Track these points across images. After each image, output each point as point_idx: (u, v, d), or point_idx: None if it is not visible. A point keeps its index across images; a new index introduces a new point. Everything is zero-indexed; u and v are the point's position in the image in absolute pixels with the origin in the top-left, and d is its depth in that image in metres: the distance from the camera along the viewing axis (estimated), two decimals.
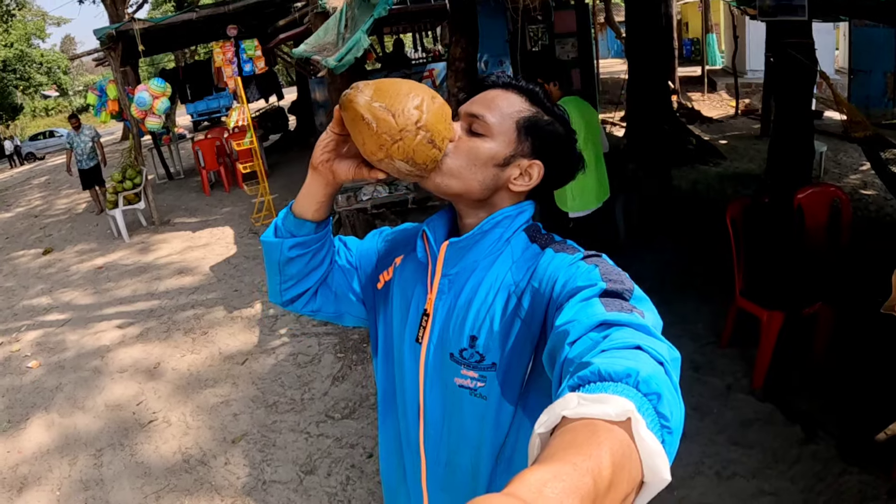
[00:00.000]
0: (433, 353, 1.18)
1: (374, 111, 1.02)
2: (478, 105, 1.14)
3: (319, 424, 4.06)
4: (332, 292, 1.35)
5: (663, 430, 0.67)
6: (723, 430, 3.43)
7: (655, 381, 0.68)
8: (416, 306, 1.23)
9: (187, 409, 4.41)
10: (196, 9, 9.49)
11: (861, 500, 2.79)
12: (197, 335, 5.51)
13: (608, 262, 1.04)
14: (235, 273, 6.98)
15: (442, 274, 1.19)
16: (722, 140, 10.46)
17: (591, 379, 0.69)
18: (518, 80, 1.18)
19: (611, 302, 0.90)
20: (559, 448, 0.57)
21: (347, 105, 1.04)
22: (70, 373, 5.15)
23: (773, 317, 3.67)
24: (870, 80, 10.24)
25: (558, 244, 1.13)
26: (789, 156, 5.49)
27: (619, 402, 0.62)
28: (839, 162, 8.38)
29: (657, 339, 0.81)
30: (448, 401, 1.18)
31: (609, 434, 0.59)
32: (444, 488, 1.24)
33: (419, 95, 1.05)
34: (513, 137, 1.13)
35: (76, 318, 6.25)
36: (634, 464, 0.59)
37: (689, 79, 15.90)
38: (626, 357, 0.73)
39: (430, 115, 1.04)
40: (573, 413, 0.62)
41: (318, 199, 1.21)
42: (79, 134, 10.45)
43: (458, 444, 1.19)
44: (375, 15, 4.88)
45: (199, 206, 10.46)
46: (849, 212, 4.30)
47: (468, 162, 1.11)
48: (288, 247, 1.24)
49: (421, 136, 1.03)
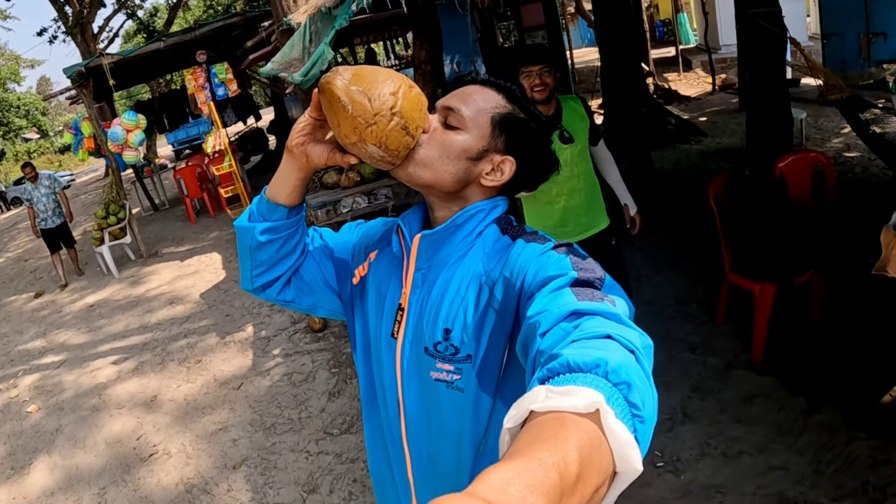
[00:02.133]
0: (409, 348, 1.18)
1: (350, 94, 1.03)
2: (454, 99, 1.15)
3: (319, 442, 4.03)
4: (306, 283, 1.35)
5: (634, 419, 0.65)
6: (725, 408, 3.40)
7: (625, 370, 0.68)
8: (391, 301, 1.23)
9: (187, 439, 4.36)
10: (163, 38, 9.46)
11: (872, 466, 2.76)
12: (191, 364, 5.47)
13: (579, 251, 1.05)
14: (226, 298, 6.94)
15: (416, 268, 1.19)
16: (701, 117, 10.46)
17: (560, 370, 0.69)
18: (496, 79, 1.19)
19: (582, 291, 0.89)
20: (525, 443, 0.56)
21: (325, 87, 1.05)
22: (69, 413, 5.10)
23: (766, 289, 3.63)
24: (843, 42, 10.23)
25: (529, 235, 1.14)
26: (767, 125, 5.49)
27: (587, 393, 0.61)
28: (820, 127, 8.38)
29: (628, 326, 0.81)
30: (426, 395, 1.18)
31: (576, 427, 0.58)
32: (429, 482, 1.24)
33: (396, 83, 1.06)
34: (487, 132, 1.13)
35: (72, 359, 6.20)
36: (604, 455, 0.59)
37: (664, 60, 15.92)
38: (596, 347, 0.73)
39: (406, 102, 1.05)
40: (541, 406, 0.61)
41: (290, 182, 1.21)
42: (36, 186, 8.77)
43: (439, 438, 1.19)
44: (337, 26, 4.86)
45: (185, 234, 10.42)
46: (832, 176, 4.28)
47: (441, 153, 1.11)
48: (259, 231, 1.25)
49: (395, 122, 1.04)
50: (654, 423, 0.69)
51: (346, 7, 4.70)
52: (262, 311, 6.27)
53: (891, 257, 2.89)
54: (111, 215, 8.98)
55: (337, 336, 5.37)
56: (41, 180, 8.78)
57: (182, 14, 22.95)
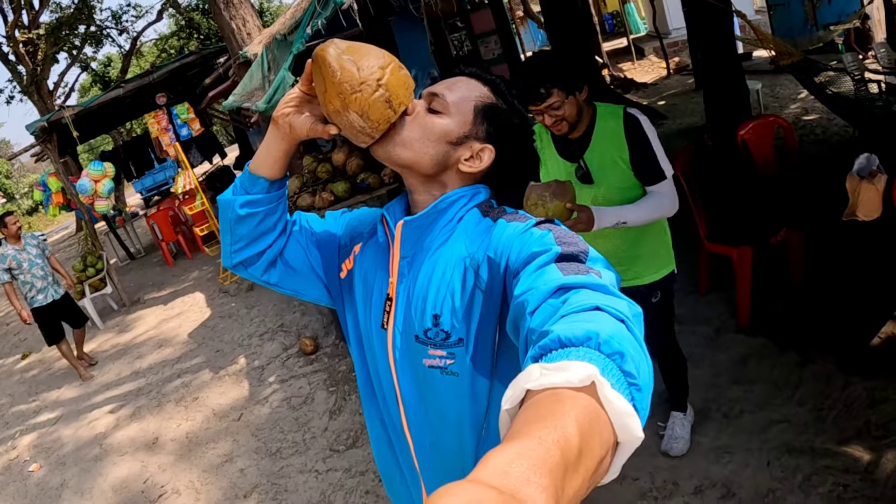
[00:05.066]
0: (400, 338, 1.19)
1: (341, 61, 1.07)
2: (440, 86, 1.19)
3: (326, 460, 4.03)
4: (291, 267, 1.35)
5: (631, 387, 0.66)
6: (720, 372, 3.46)
7: (617, 340, 0.68)
8: (378, 292, 1.23)
9: (194, 475, 4.34)
10: (122, 84, 9.44)
11: (871, 406, 2.84)
12: (188, 402, 5.44)
13: (561, 226, 1.05)
14: (214, 334, 6.91)
15: (400, 256, 1.20)
16: (660, 101, 10.62)
17: (553, 347, 0.69)
18: (484, 73, 1.23)
19: (567, 266, 0.90)
20: (524, 423, 0.56)
21: (319, 54, 1.09)
22: (72, 467, 5.04)
23: (743, 252, 3.71)
24: (789, 11, 10.47)
25: (510, 215, 1.14)
26: (725, 98, 5.62)
27: (581, 367, 0.61)
28: (777, 96, 8.55)
29: (616, 296, 0.81)
30: (421, 383, 1.18)
31: (573, 401, 0.58)
32: (434, 469, 1.25)
33: (387, 59, 1.10)
34: (469, 119, 1.16)
35: (67, 414, 6.13)
36: (604, 427, 0.59)
37: (617, 51, 16.16)
38: (586, 320, 0.73)
39: (393, 77, 1.09)
40: (536, 385, 0.61)
41: (273, 153, 1.23)
42: (23, 248, 6.67)
43: (440, 425, 1.20)
44: (294, 51, 4.92)
45: (165, 278, 10.33)
46: (793, 137, 4.39)
47: (422, 134, 1.14)
48: (239, 204, 1.25)
49: (379, 94, 1.07)
50: (651, 390, 0.70)
51: (302, 31, 4.75)
52: (252, 343, 6.26)
53: (858, 202, 3.00)
54: (89, 267, 8.90)
55: (330, 356, 5.38)
56: (26, 240, 6.76)
57: (136, 61, 22.89)
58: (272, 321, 6.62)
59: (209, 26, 20.27)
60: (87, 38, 18.42)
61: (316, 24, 4.52)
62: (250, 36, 7.68)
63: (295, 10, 5.75)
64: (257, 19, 7.87)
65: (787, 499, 2.54)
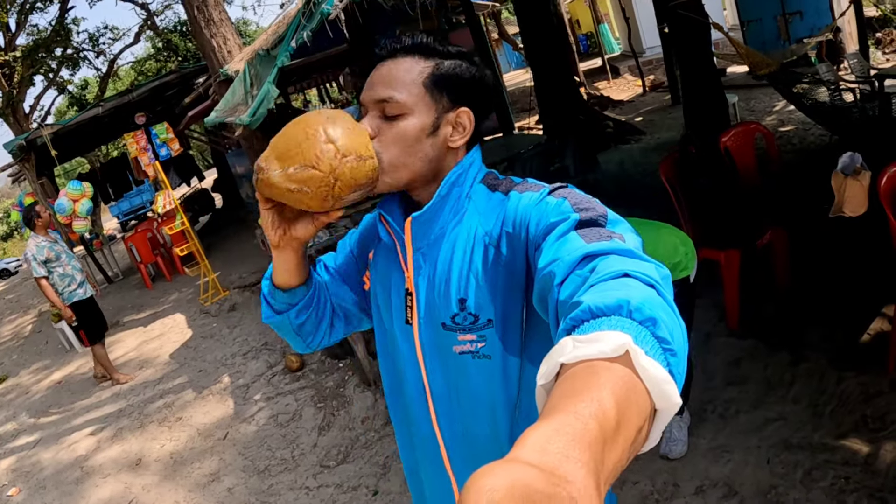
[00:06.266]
0: (425, 329, 1.16)
1: (294, 178, 0.98)
2: (379, 88, 1.09)
3: (317, 476, 3.96)
4: (341, 317, 1.38)
5: (666, 353, 0.65)
6: (713, 374, 3.47)
7: (649, 306, 0.67)
8: (397, 290, 1.21)
9: (179, 496, 4.24)
10: (101, 103, 9.36)
11: (866, 400, 2.86)
12: (172, 422, 5.33)
13: (575, 190, 1.03)
14: (196, 355, 6.80)
15: (413, 249, 1.16)
16: (637, 118, 10.75)
17: (584, 318, 0.68)
18: (401, 41, 1.14)
19: (588, 232, 0.88)
20: (560, 398, 0.55)
21: (266, 187, 1.01)
22: (52, 490, 4.91)
23: (730, 255, 3.74)
24: (762, 27, 10.70)
25: (520, 185, 1.12)
26: (704, 107, 5.70)
27: (614, 336, 0.60)
28: (752, 109, 8.71)
29: (643, 260, 0.80)
30: (452, 372, 1.15)
31: (608, 373, 0.57)
32: (468, 461, 1.21)
33: (318, 129, 1.00)
34: (428, 101, 1.09)
35: (46, 437, 5.98)
36: (641, 396, 0.58)
37: (592, 71, 16.38)
38: (616, 288, 0.71)
39: (341, 138, 1.00)
40: (570, 358, 0.60)
41: (291, 266, 1.21)
42: (56, 240, 6.23)
43: (473, 413, 1.17)
44: (279, 64, 4.90)
45: (144, 301, 10.18)
46: (773, 144, 4.46)
47: (402, 148, 1.07)
48: (294, 316, 1.27)
49: (349, 162, 0.99)
50: (686, 353, 0.69)
51: (286, 44, 4.75)
52: (236, 361, 6.17)
53: (844, 198, 3.04)
54: None
55: (317, 372, 5.31)
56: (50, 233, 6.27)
57: (113, 85, 22.78)
58: (255, 340, 6.53)
59: (187, 48, 20.24)
60: (64, 61, 18.32)
61: (301, 36, 4.52)
62: (231, 54, 7.66)
63: (278, 26, 5.76)
64: (238, 38, 7.86)
65: (789, 494, 2.53)
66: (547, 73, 8.64)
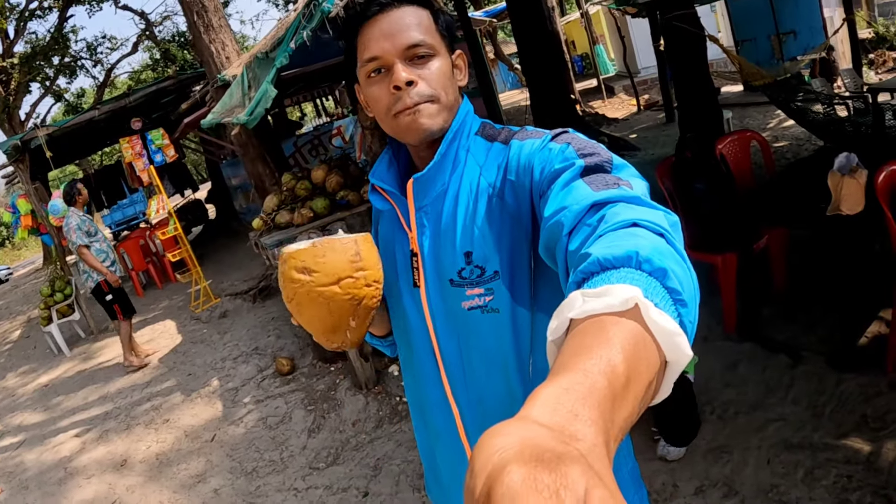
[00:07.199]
0: (433, 289, 1.15)
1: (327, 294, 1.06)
2: (404, 35, 1.06)
3: (306, 478, 3.90)
4: None
5: (676, 304, 0.64)
6: (711, 377, 3.44)
7: (658, 256, 0.66)
8: (402, 254, 1.19)
9: (164, 497, 4.16)
10: (97, 106, 9.33)
11: (866, 400, 2.85)
12: (159, 424, 5.25)
13: (578, 135, 1.01)
14: (185, 359, 6.72)
15: (416, 209, 1.15)
16: (632, 135, 10.81)
17: (593, 270, 0.67)
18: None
19: (595, 179, 0.86)
20: (569, 355, 0.55)
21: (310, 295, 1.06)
22: (34, 490, 4.81)
23: (727, 259, 3.72)
24: (756, 46, 10.82)
25: (520, 133, 1.11)
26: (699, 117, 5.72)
27: (622, 290, 0.59)
28: (746, 125, 8.77)
29: (651, 207, 0.79)
30: (462, 330, 1.13)
31: (617, 327, 0.56)
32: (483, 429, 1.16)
33: (343, 254, 1.06)
34: (444, 44, 1.11)
35: (31, 438, 5.88)
36: (650, 350, 0.57)
37: (588, 90, 16.49)
38: (625, 238, 0.70)
39: (364, 252, 1.08)
40: (579, 313, 0.59)
41: (375, 328, 1.35)
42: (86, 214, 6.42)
43: (486, 372, 1.14)
44: (277, 64, 4.88)
45: (135, 307, 10.10)
46: (769, 153, 4.46)
47: (451, 85, 1.10)
48: (388, 349, 1.44)
49: (363, 278, 1.08)
50: (697, 301, 0.68)
51: (286, 45, 4.73)
52: (225, 365, 6.09)
53: (841, 197, 3.04)
54: (57, 292, 8.66)
55: (307, 376, 5.25)
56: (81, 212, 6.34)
57: (109, 94, 22.81)
58: (246, 345, 6.47)
59: (184, 58, 20.29)
60: (62, 69, 18.32)
61: (301, 36, 4.50)
62: (229, 60, 7.66)
63: (277, 31, 5.76)
64: (236, 44, 7.87)
65: (790, 493, 2.50)
66: (543, 88, 8.69)
